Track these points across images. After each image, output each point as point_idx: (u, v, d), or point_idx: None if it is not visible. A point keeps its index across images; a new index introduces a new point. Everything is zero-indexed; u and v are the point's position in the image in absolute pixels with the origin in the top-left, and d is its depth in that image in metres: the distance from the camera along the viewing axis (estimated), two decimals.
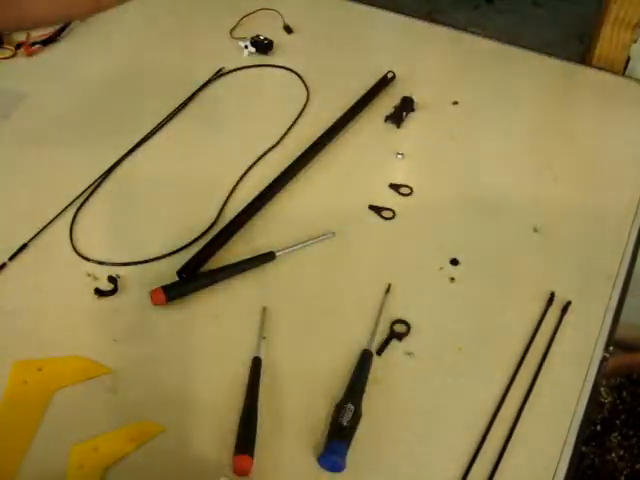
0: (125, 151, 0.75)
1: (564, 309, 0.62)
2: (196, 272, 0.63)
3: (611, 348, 0.60)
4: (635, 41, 0.88)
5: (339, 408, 0.53)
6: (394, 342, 0.59)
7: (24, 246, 0.65)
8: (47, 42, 0.89)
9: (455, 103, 0.84)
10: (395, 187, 0.73)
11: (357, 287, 0.64)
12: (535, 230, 0.68)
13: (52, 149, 0.75)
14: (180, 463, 0.52)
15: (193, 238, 0.67)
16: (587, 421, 0.55)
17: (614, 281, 0.65)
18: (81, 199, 0.70)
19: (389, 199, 0.72)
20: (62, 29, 0.90)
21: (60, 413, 0.54)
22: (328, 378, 0.57)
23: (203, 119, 0.80)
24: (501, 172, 0.75)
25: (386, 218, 0.70)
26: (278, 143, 0.77)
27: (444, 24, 0.96)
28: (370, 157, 0.77)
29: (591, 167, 0.76)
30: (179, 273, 0.63)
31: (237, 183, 0.72)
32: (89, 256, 0.65)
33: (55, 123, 0.77)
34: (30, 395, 0.54)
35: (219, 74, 0.86)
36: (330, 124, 0.78)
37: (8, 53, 0.87)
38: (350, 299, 0.63)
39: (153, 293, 0.60)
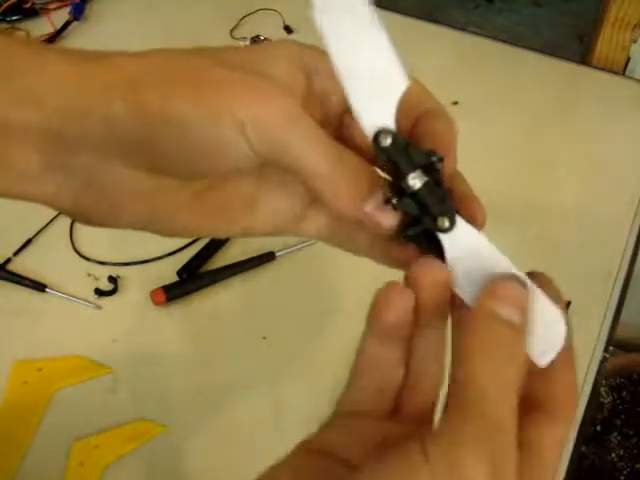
0: None
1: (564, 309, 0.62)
2: (196, 272, 0.63)
3: (611, 348, 0.60)
4: (635, 41, 0.88)
5: None
6: None
7: (28, 242, 0.65)
8: (47, 42, 0.89)
9: (455, 103, 0.83)
10: None
11: (357, 287, 0.64)
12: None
13: None
14: (180, 463, 0.52)
15: (193, 238, 0.67)
16: (587, 421, 0.55)
17: (614, 281, 0.65)
18: None
19: None
20: (62, 29, 0.90)
21: (60, 413, 0.54)
22: (330, 379, 0.56)
23: None
24: (500, 172, 0.75)
25: None
26: None
27: (444, 24, 0.96)
28: None
29: (591, 167, 0.76)
30: (179, 273, 0.63)
31: None
32: (89, 256, 0.65)
33: None
34: (30, 395, 0.54)
35: None
36: None
37: None
38: (350, 299, 0.63)
39: (153, 293, 0.60)
